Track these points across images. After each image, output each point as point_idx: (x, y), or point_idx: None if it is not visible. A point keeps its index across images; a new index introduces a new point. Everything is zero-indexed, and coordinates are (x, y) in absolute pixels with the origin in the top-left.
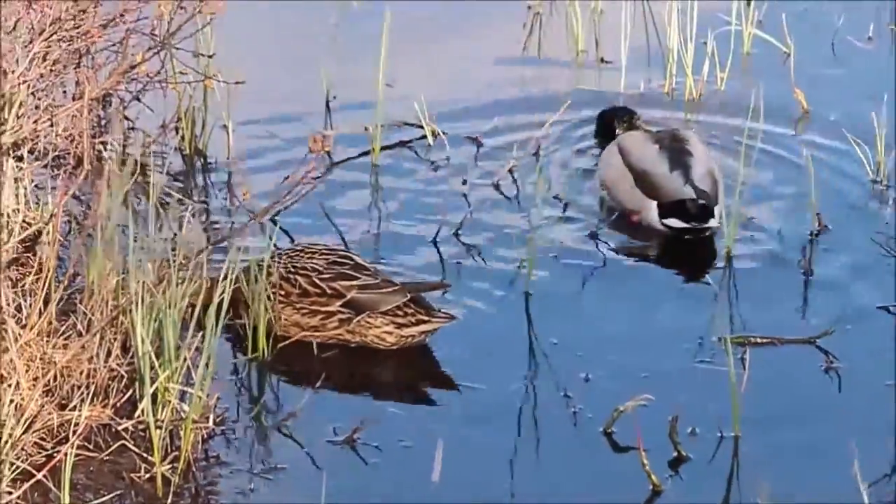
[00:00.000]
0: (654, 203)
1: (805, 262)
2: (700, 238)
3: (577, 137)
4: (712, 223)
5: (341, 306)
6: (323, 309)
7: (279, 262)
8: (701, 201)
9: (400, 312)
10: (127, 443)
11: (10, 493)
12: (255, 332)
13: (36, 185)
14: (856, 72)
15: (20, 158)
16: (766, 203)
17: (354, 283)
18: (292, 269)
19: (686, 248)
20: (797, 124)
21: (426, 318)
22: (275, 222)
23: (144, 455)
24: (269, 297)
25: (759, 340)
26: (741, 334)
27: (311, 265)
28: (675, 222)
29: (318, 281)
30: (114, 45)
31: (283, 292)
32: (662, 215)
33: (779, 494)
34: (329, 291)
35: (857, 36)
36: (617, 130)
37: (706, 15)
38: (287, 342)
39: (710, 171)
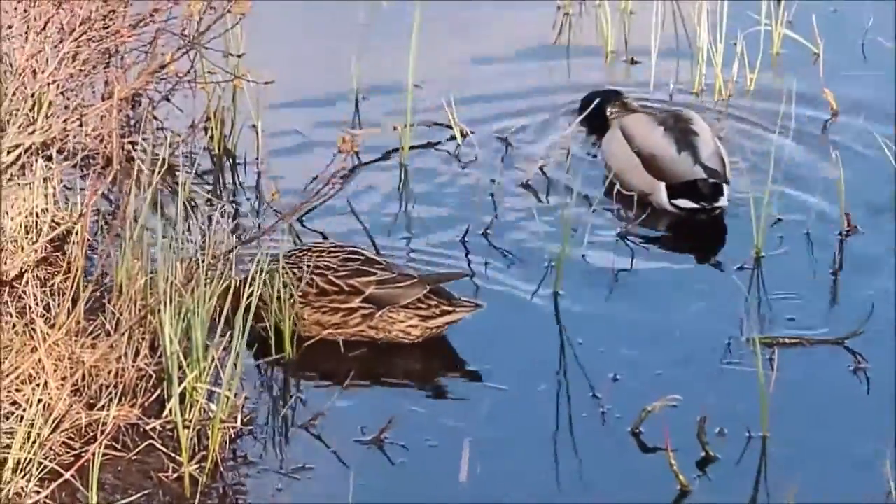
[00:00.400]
0: (663, 185)
1: (834, 263)
2: (720, 228)
3: None
4: (722, 202)
5: (362, 302)
6: (343, 306)
7: (290, 263)
8: (712, 180)
9: (423, 305)
10: (155, 442)
11: (37, 492)
12: (280, 333)
13: (65, 185)
14: (885, 72)
15: (49, 158)
16: (795, 203)
17: (372, 278)
18: (306, 269)
19: (715, 248)
20: (826, 124)
21: (450, 309)
22: (302, 223)
23: (172, 455)
24: (290, 297)
25: (787, 341)
26: (769, 335)
27: (324, 263)
28: (685, 203)
29: (334, 279)
30: (143, 44)
31: (300, 292)
32: (672, 196)
33: (807, 495)
34: (347, 289)
35: (887, 36)
36: (610, 113)
37: (736, 15)
38: (312, 341)
39: (716, 151)
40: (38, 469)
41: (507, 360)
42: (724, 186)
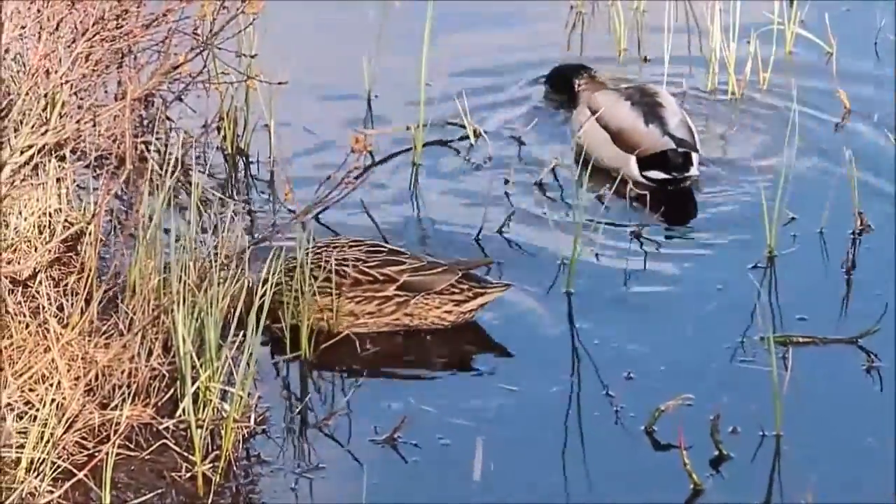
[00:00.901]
0: (633, 158)
1: (847, 262)
2: (733, 226)
3: None
4: (693, 171)
5: (396, 290)
6: (378, 295)
7: (313, 259)
8: (682, 149)
9: (456, 290)
10: (168, 442)
11: (51, 491)
12: (296, 332)
13: (78, 185)
14: None
15: (62, 158)
16: (808, 202)
17: (403, 266)
18: (335, 263)
19: (728, 247)
20: (839, 124)
21: (482, 291)
22: (319, 221)
23: (185, 454)
24: (314, 294)
25: (801, 340)
26: (783, 334)
27: (352, 255)
28: (656, 174)
29: (366, 269)
30: (156, 44)
31: (330, 286)
32: (643, 168)
33: (821, 494)
34: (381, 277)
35: None
36: (578, 85)
37: (749, 14)
38: (329, 342)
39: (683, 121)
40: (51, 468)
41: (520, 359)
42: (694, 156)
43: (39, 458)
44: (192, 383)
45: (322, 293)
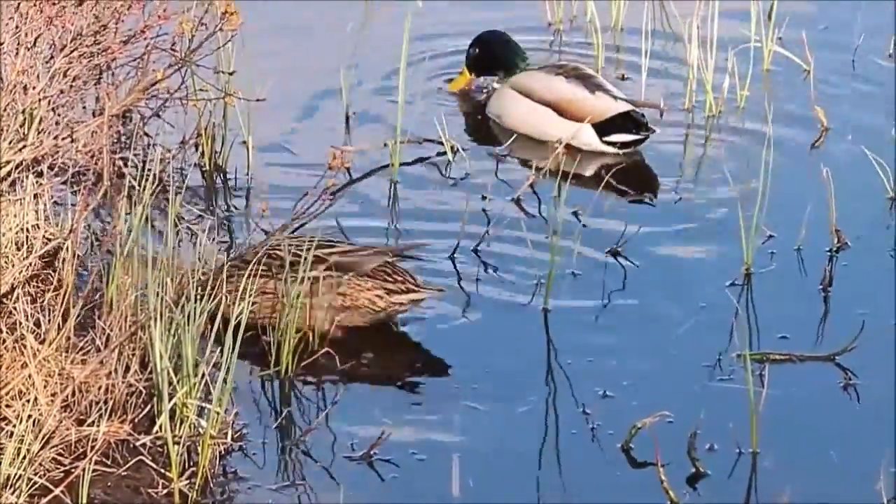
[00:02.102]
0: (587, 126)
1: (824, 279)
2: (711, 244)
3: (599, 153)
4: (655, 129)
5: (326, 269)
6: (310, 274)
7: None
8: (640, 110)
9: (390, 278)
10: (145, 458)
11: None
12: (278, 348)
13: (56, 201)
14: (876, 89)
15: (40, 174)
16: (785, 219)
17: (334, 249)
18: (270, 248)
19: (705, 264)
20: (816, 141)
21: (416, 288)
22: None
23: (162, 471)
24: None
25: (777, 357)
26: (760, 351)
27: (286, 244)
28: (620, 137)
29: (297, 252)
30: (134, 61)
31: (264, 266)
32: (603, 133)
33: None
34: (311, 259)
35: (878, 53)
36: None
37: (727, 32)
38: (311, 359)
39: (619, 88)
40: (27, 485)
41: (497, 375)
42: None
43: (16, 475)
44: (170, 399)
45: (259, 276)
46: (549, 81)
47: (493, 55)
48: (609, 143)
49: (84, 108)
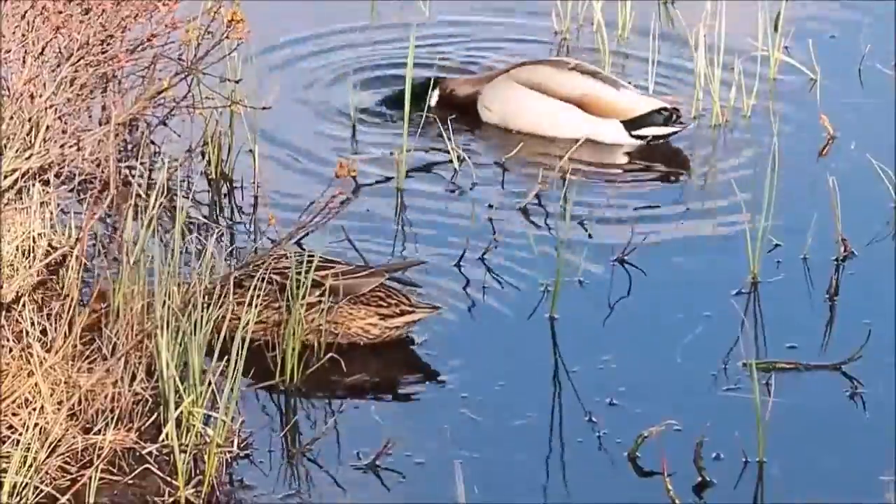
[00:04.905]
0: (615, 121)
1: (831, 288)
2: (718, 253)
3: (608, 162)
4: (688, 124)
5: (321, 295)
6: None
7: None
8: (670, 105)
9: (384, 303)
10: (151, 467)
11: None
12: (283, 357)
13: (62, 210)
14: (882, 98)
15: (47, 182)
16: (792, 228)
17: (330, 271)
18: (266, 273)
19: (712, 273)
20: (823, 149)
21: (410, 309)
22: (301, 246)
23: (168, 479)
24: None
25: (784, 366)
26: (766, 360)
27: (283, 265)
28: (654, 131)
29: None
30: (141, 69)
31: (264, 293)
32: (634, 128)
33: None
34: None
35: (885, 62)
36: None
37: (733, 41)
38: (316, 366)
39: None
40: (34, 493)
41: (504, 383)
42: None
43: (22, 483)
44: (176, 408)
45: (257, 303)
46: (567, 78)
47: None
48: (639, 137)
49: (90, 116)
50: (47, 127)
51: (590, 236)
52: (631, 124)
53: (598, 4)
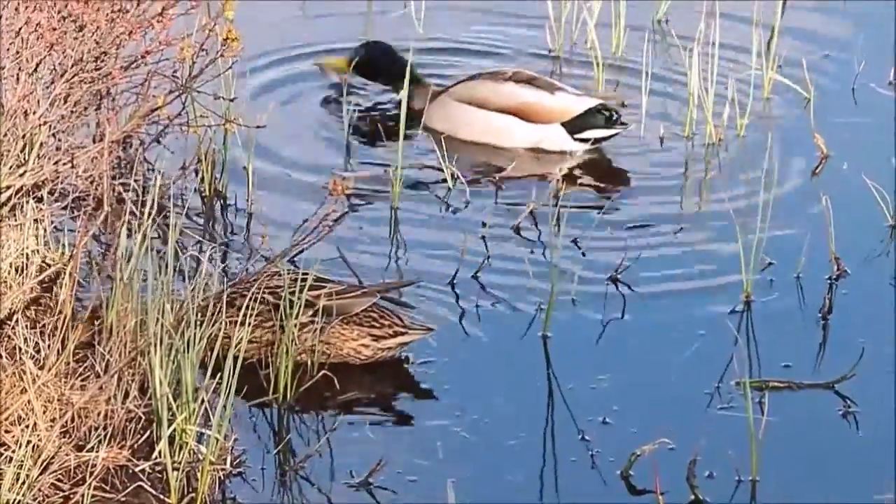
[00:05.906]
0: (556, 125)
1: (824, 307)
2: (711, 272)
3: (599, 182)
4: (629, 124)
5: (313, 315)
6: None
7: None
8: (610, 104)
9: (377, 324)
10: (144, 484)
11: None
12: (276, 375)
13: (56, 227)
14: (876, 117)
15: (40, 199)
16: (785, 247)
17: (322, 290)
18: (259, 291)
19: (705, 292)
20: (816, 169)
21: (403, 330)
22: (294, 264)
23: (161, 497)
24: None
25: (777, 385)
26: (759, 378)
27: (275, 284)
28: (594, 133)
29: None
30: (135, 87)
31: (255, 313)
32: (575, 132)
33: None
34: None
35: (878, 81)
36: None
37: (727, 60)
38: (309, 383)
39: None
40: None
41: (496, 402)
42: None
43: (15, 500)
44: (169, 425)
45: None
46: (502, 88)
47: (379, 65)
48: (581, 141)
49: (85, 133)
50: (41, 144)
51: (583, 255)
52: (572, 127)
53: (592, 22)
